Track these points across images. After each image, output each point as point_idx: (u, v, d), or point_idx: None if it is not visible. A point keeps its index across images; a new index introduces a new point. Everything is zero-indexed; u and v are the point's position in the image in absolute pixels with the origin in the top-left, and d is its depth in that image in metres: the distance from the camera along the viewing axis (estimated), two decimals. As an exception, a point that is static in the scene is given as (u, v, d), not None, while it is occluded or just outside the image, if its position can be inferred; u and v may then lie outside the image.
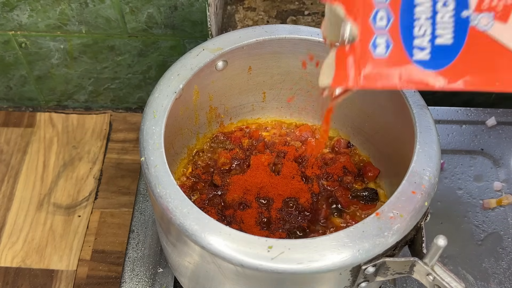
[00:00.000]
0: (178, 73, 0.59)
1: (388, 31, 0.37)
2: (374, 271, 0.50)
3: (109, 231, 0.82)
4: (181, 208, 0.49)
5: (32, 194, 0.85)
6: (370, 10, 0.37)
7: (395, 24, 0.37)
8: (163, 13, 0.77)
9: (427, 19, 0.37)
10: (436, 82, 0.37)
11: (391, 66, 0.38)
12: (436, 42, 0.37)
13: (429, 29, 0.37)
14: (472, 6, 0.36)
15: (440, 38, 0.37)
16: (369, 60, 0.38)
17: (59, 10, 0.78)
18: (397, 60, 0.38)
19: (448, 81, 0.37)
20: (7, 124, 0.94)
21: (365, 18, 0.38)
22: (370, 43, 0.38)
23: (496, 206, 0.75)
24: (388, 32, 0.37)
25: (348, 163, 0.67)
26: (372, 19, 0.38)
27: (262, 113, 0.73)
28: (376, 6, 0.37)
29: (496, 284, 0.69)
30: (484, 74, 0.37)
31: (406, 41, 0.37)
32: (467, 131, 0.82)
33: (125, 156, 0.90)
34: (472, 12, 0.36)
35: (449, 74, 0.37)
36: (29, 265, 0.79)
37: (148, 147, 0.53)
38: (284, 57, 0.65)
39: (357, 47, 0.38)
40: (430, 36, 0.37)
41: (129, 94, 0.93)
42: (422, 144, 0.53)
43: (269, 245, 0.47)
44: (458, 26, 0.37)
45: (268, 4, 0.92)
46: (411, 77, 0.38)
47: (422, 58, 0.37)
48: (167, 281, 0.70)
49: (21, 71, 0.89)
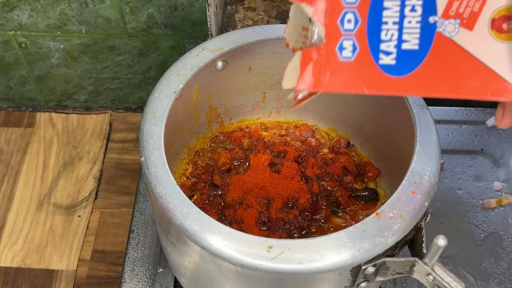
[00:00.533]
0: (178, 73, 0.59)
1: (355, 34, 0.37)
2: (374, 271, 0.50)
3: (109, 231, 0.82)
4: (181, 208, 0.49)
5: (32, 194, 0.85)
6: (338, 12, 0.37)
7: (362, 27, 0.37)
8: (163, 13, 0.77)
9: (394, 23, 0.36)
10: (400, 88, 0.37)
11: (357, 70, 0.37)
12: (402, 47, 0.37)
13: (396, 34, 0.37)
14: (440, 12, 0.36)
15: (406, 43, 0.37)
16: (335, 63, 0.37)
17: (59, 10, 0.78)
18: (363, 64, 0.37)
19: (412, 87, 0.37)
20: (7, 124, 0.94)
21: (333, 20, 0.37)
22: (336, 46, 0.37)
23: (496, 206, 0.75)
24: (355, 35, 0.37)
25: (348, 163, 0.67)
26: (339, 21, 0.37)
27: (262, 113, 0.73)
28: (345, 7, 0.37)
29: (496, 284, 0.69)
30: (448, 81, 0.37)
31: (373, 45, 0.37)
32: (467, 131, 0.82)
33: (125, 156, 0.90)
34: (439, 18, 0.36)
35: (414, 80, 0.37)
36: (29, 265, 0.79)
37: (148, 147, 0.53)
38: (284, 57, 0.65)
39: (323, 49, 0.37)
40: (397, 41, 0.37)
41: (129, 94, 0.93)
42: (422, 144, 0.53)
43: (269, 245, 0.47)
44: (425, 31, 0.36)
45: (268, 4, 0.92)
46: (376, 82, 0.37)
47: (387, 63, 0.37)
48: (167, 281, 0.70)
49: (21, 71, 0.89)
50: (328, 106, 0.70)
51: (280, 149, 0.68)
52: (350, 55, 0.37)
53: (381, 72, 0.37)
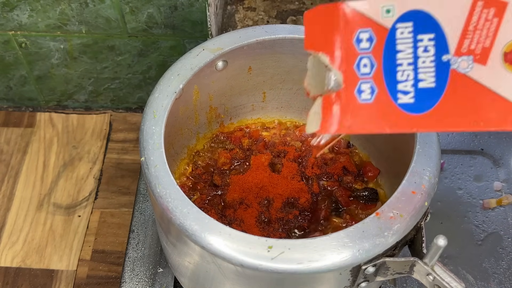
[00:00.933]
0: (178, 73, 0.59)
1: (372, 77, 0.38)
2: (374, 271, 0.50)
3: (109, 231, 0.82)
4: (181, 208, 0.49)
5: (32, 194, 0.85)
6: (354, 58, 0.38)
7: (378, 70, 0.38)
8: (163, 13, 0.77)
9: (409, 64, 0.38)
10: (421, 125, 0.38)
11: (377, 111, 0.39)
12: (419, 85, 0.38)
13: (412, 74, 0.38)
14: (452, 51, 0.37)
15: (423, 82, 0.38)
16: (355, 105, 0.39)
17: (59, 10, 0.78)
18: (382, 104, 0.38)
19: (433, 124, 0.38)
20: (7, 124, 0.94)
21: (349, 66, 0.39)
22: (355, 89, 0.39)
23: (496, 206, 0.75)
24: (372, 78, 0.38)
25: (348, 163, 0.67)
26: (356, 66, 0.39)
27: (262, 113, 0.73)
28: (360, 53, 0.38)
29: (496, 284, 0.69)
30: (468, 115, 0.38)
31: (390, 86, 0.38)
32: (467, 131, 0.82)
33: (125, 156, 0.90)
34: (452, 56, 0.37)
35: (434, 117, 0.38)
36: (29, 265, 0.79)
37: (148, 147, 0.53)
38: (284, 57, 0.65)
39: (342, 94, 0.39)
40: (413, 81, 0.38)
41: (129, 94, 0.93)
42: (422, 144, 0.54)
43: (269, 245, 0.47)
44: (440, 69, 0.38)
45: (268, 4, 0.92)
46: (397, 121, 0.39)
47: (406, 102, 0.38)
48: (167, 281, 0.70)
49: (21, 71, 0.89)
50: (328, 106, 0.70)
51: (280, 149, 0.68)
52: (369, 97, 0.39)
53: (401, 111, 0.38)
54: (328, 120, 0.40)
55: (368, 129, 0.39)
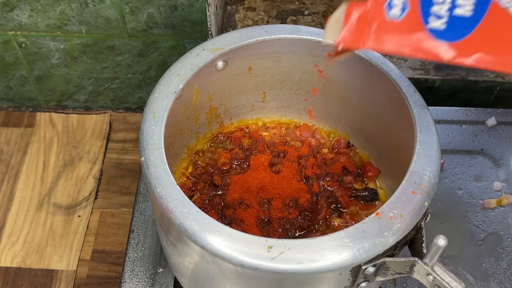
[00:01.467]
0: (178, 73, 0.59)
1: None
2: (374, 271, 0.50)
3: (109, 231, 0.82)
4: (181, 208, 0.49)
5: (32, 194, 0.85)
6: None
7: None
8: (163, 13, 0.77)
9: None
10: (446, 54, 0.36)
11: (403, 31, 0.36)
12: (455, 12, 0.35)
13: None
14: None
15: (460, 8, 0.35)
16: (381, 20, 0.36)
17: (59, 10, 0.78)
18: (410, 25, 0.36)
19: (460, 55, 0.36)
20: (7, 124, 0.94)
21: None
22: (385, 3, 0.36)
23: (496, 206, 0.75)
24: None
25: (348, 163, 0.67)
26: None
27: (262, 113, 0.73)
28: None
29: (496, 284, 0.69)
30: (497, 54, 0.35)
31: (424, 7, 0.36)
32: (467, 131, 0.82)
33: (125, 156, 0.90)
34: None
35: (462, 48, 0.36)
36: (29, 265, 0.79)
37: (148, 147, 0.53)
38: (284, 57, 0.65)
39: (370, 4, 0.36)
40: (450, 5, 0.35)
41: (129, 94, 0.93)
42: (422, 144, 0.53)
43: (269, 245, 0.47)
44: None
45: (268, 4, 0.92)
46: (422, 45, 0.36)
47: (437, 27, 0.36)
48: (167, 281, 0.70)
49: (21, 71, 0.89)
50: (328, 106, 0.70)
51: (280, 149, 0.68)
52: (399, 14, 0.36)
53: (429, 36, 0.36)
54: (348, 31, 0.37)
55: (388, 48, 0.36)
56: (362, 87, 0.64)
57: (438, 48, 0.36)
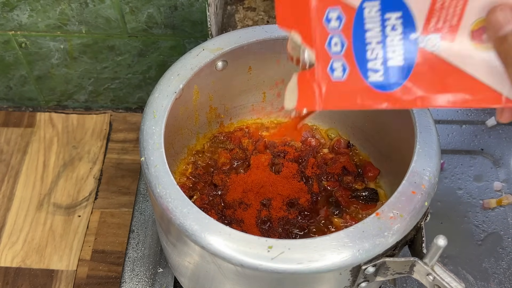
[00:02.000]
0: (178, 73, 0.59)
1: (343, 56, 0.39)
2: (374, 271, 0.50)
3: (109, 231, 0.82)
4: (181, 208, 0.49)
5: (32, 194, 0.85)
6: (324, 37, 0.39)
7: (349, 48, 0.39)
8: (163, 13, 0.77)
9: (378, 43, 0.38)
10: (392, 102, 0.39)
11: (349, 88, 0.39)
12: (388, 64, 0.38)
13: (381, 52, 0.38)
14: (419, 29, 0.37)
15: (392, 60, 0.38)
16: (328, 83, 0.39)
17: (59, 10, 0.78)
18: (354, 82, 0.39)
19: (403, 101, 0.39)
20: (7, 124, 0.94)
21: (321, 44, 0.39)
22: (328, 67, 0.39)
23: (496, 206, 0.75)
24: (343, 57, 0.39)
25: (348, 163, 0.67)
26: (327, 45, 0.39)
27: (262, 113, 0.73)
28: (330, 32, 0.39)
29: (496, 284, 0.69)
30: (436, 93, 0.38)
31: (361, 65, 0.39)
32: (467, 131, 0.82)
33: (125, 156, 0.90)
34: (419, 35, 0.38)
35: (403, 93, 0.39)
36: (29, 265, 0.79)
37: (148, 147, 0.53)
38: (284, 57, 0.65)
39: (316, 71, 0.40)
40: (383, 59, 0.38)
41: (129, 94, 0.93)
42: (422, 144, 0.54)
43: (269, 245, 0.47)
44: (408, 47, 0.38)
45: (268, 4, 0.92)
46: (370, 98, 0.39)
47: (376, 80, 0.39)
48: (167, 281, 0.70)
49: (21, 71, 0.89)
50: (328, 106, 0.70)
51: (280, 149, 0.68)
52: (341, 75, 0.39)
53: (372, 89, 0.39)
54: (304, 97, 0.41)
55: (342, 106, 0.40)
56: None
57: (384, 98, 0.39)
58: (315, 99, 0.40)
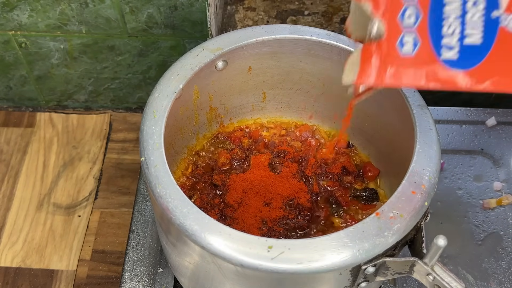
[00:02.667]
0: (178, 73, 0.59)
1: (416, 29, 0.37)
2: (374, 271, 0.50)
3: (109, 231, 0.82)
4: (181, 208, 0.49)
5: (32, 194, 0.85)
6: (398, 8, 0.37)
7: (423, 22, 0.37)
8: (163, 13, 0.77)
9: (456, 18, 0.36)
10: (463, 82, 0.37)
11: (418, 65, 0.37)
12: (465, 41, 0.37)
13: (458, 28, 0.36)
14: (503, 7, 0.36)
15: (469, 37, 0.36)
16: (396, 58, 0.37)
17: (59, 10, 0.78)
18: (424, 59, 0.37)
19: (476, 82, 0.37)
20: (7, 124, 0.94)
21: (393, 16, 0.37)
22: (397, 41, 0.37)
23: (496, 206, 0.75)
24: (416, 30, 0.37)
25: (348, 163, 0.67)
26: (400, 17, 0.37)
27: (262, 113, 0.73)
28: (405, 3, 0.37)
29: (496, 284, 0.69)
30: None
31: (435, 40, 0.37)
32: (467, 131, 0.82)
33: (125, 156, 0.90)
34: (502, 13, 0.36)
35: (477, 75, 0.37)
36: (29, 265, 0.79)
37: (148, 147, 0.53)
38: (284, 57, 0.65)
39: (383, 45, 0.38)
40: (459, 36, 0.37)
41: (129, 94, 0.93)
42: (422, 144, 0.53)
43: (269, 245, 0.47)
44: (488, 26, 0.36)
45: (268, 4, 0.92)
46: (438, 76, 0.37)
47: (450, 58, 0.37)
48: (167, 281, 0.70)
49: (21, 71, 0.89)
50: (328, 106, 0.70)
51: (280, 149, 0.68)
52: (411, 50, 0.37)
53: (444, 67, 0.37)
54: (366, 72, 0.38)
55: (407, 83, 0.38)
56: (362, 87, 0.64)
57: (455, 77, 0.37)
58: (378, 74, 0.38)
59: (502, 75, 0.36)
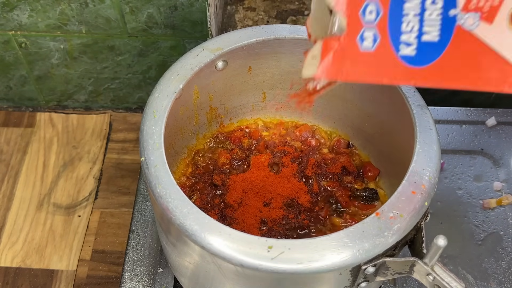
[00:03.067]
0: (178, 73, 0.59)
1: (377, 25, 0.38)
2: (374, 271, 0.50)
3: (109, 231, 0.82)
4: (181, 208, 0.49)
5: (32, 194, 0.85)
6: (360, 3, 0.38)
7: (383, 18, 0.38)
8: (163, 13, 0.77)
9: (415, 15, 0.37)
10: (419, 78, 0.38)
11: (377, 60, 0.38)
12: (423, 38, 0.37)
13: (417, 26, 0.37)
14: (460, 6, 0.37)
15: (427, 35, 0.37)
16: (356, 52, 0.38)
17: (59, 10, 0.78)
18: (383, 54, 0.38)
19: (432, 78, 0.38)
20: (7, 124, 0.94)
21: (354, 11, 0.38)
22: (357, 36, 0.38)
23: (496, 206, 0.75)
24: (376, 26, 0.38)
25: (348, 163, 0.67)
26: (361, 12, 0.38)
27: (262, 113, 0.73)
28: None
29: (496, 284, 0.69)
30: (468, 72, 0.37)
31: (394, 36, 0.38)
32: (467, 131, 0.82)
33: (125, 156, 0.90)
34: (459, 11, 0.37)
35: (434, 71, 0.38)
36: (29, 265, 0.79)
37: (148, 147, 0.53)
38: (284, 57, 0.65)
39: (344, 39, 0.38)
40: (417, 33, 0.37)
41: (129, 94, 0.93)
42: (422, 144, 0.53)
43: (269, 245, 0.47)
44: (445, 24, 0.37)
45: (268, 4, 0.92)
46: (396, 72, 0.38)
47: (408, 54, 0.38)
48: (167, 281, 0.70)
49: (21, 71, 0.89)
50: (328, 106, 0.70)
51: (280, 149, 0.68)
52: (371, 45, 0.38)
53: (401, 63, 0.38)
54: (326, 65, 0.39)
55: (366, 78, 0.38)
56: (362, 87, 0.64)
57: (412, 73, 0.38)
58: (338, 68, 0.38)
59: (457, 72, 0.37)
